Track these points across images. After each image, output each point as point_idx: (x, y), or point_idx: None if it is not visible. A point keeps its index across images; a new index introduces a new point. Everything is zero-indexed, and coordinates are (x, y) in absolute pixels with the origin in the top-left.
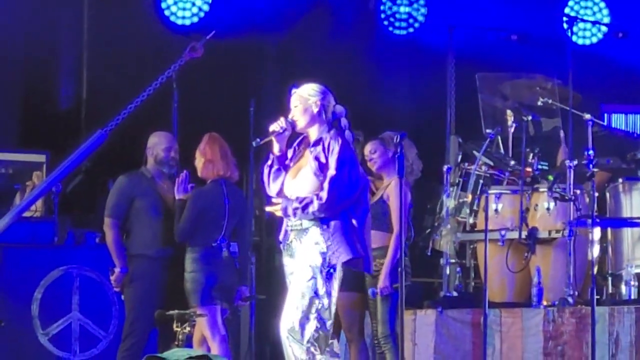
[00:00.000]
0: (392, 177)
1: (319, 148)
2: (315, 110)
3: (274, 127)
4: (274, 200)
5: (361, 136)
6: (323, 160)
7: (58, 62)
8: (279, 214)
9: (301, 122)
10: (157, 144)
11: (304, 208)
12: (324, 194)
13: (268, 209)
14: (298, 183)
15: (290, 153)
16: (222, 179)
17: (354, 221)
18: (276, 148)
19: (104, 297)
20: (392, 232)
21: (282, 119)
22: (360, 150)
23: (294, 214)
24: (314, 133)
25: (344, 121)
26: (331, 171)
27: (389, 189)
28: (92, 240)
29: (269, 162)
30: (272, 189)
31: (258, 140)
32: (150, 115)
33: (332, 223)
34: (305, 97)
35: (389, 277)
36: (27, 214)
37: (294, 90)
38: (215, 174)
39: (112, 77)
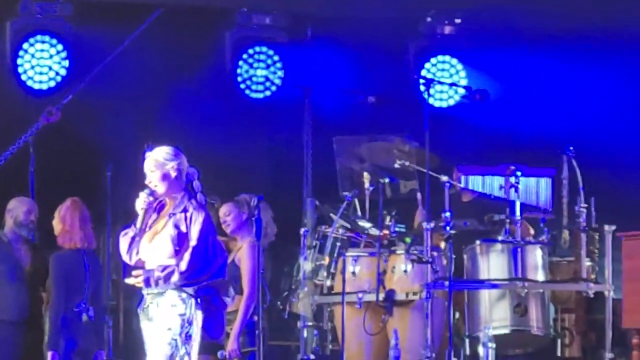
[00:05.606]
0: (245, 239)
1: (181, 216)
2: (174, 175)
3: (141, 204)
4: (134, 272)
5: (217, 201)
6: (183, 229)
7: None
8: (140, 285)
9: (161, 188)
10: (17, 206)
11: (167, 278)
12: (183, 264)
13: (128, 281)
14: (155, 248)
15: (147, 219)
16: (81, 249)
17: None
18: (141, 221)
19: None
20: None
21: (142, 194)
22: (215, 214)
23: (156, 284)
24: (173, 199)
25: (196, 184)
26: (193, 242)
27: (241, 252)
28: None
29: (131, 234)
30: (133, 259)
31: (136, 225)
32: (7, 179)
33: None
34: (161, 161)
35: (237, 340)
36: None
37: (148, 154)
38: (73, 245)
39: None
